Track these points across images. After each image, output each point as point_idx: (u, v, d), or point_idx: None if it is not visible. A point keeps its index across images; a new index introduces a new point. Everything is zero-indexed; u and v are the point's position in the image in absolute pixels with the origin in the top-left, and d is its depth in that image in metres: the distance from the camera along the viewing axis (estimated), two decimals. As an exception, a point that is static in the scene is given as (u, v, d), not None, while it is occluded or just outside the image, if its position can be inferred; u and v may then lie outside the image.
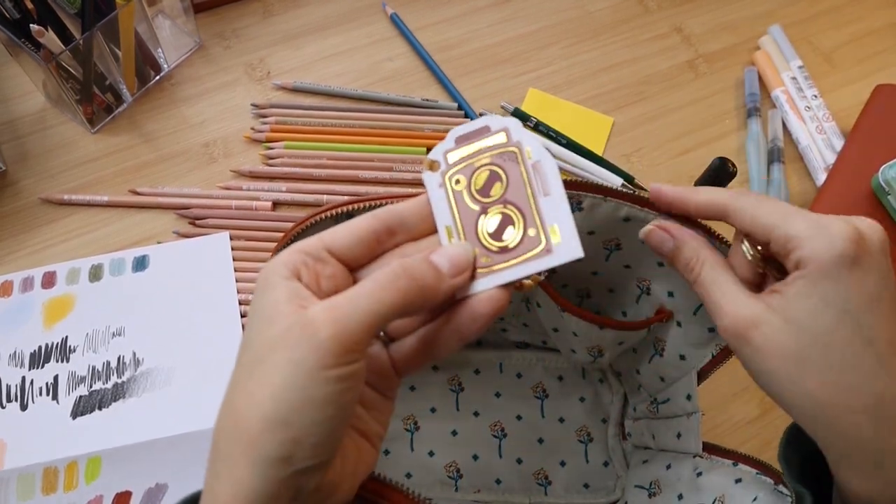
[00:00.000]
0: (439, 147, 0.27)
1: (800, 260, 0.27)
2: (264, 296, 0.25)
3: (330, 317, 0.23)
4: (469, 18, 0.73)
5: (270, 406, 0.23)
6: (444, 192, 0.27)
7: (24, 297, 0.55)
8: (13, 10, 0.54)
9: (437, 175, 0.27)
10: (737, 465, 0.39)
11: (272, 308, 0.24)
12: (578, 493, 0.50)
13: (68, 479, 0.48)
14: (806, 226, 0.27)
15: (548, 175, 0.25)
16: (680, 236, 0.31)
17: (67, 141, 0.63)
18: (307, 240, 0.26)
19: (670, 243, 0.32)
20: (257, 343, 0.24)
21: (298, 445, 0.23)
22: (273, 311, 0.24)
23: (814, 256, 0.26)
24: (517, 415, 0.52)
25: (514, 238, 0.26)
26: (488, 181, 0.26)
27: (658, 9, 0.76)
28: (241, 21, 0.71)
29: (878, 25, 0.77)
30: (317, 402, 0.23)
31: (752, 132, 0.68)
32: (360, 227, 0.27)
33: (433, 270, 0.25)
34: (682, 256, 0.31)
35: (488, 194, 0.26)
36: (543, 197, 0.26)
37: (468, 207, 0.27)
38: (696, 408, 0.43)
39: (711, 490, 0.38)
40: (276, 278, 0.25)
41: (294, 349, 0.23)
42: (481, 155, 0.26)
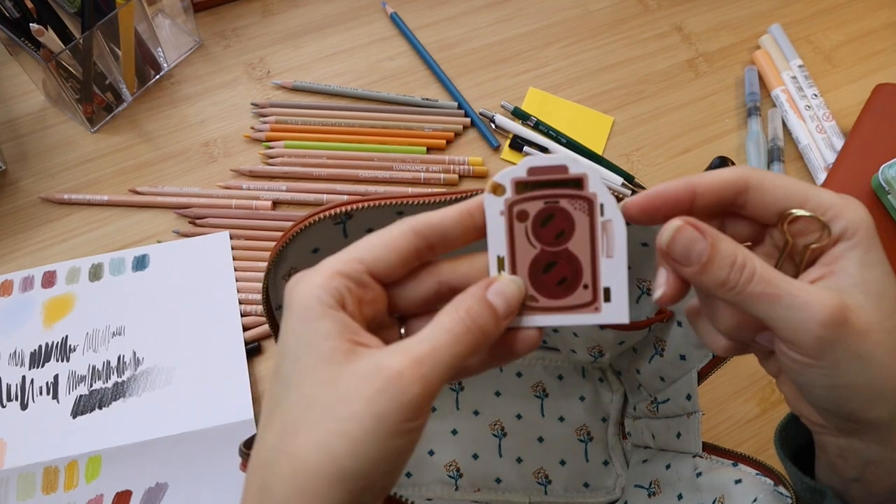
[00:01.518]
0: (507, 172, 0.25)
1: (846, 228, 0.25)
2: (308, 326, 0.23)
3: (418, 374, 0.22)
4: (469, 18, 0.73)
5: (349, 462, 0.22)
6: (504, 221, 0.25)
7: (24, 297, 0.55)
8: (13, 10, 0.54)
9: (500, 201, 0.25)
10: (737, 465, 0.39)
11: (323, 344, 0.23)
12: (578, 493, 0.50)
13: (68, 479, 0.48)
14: (835, 195, 0.25)
15: (616, 237, 0.24)
16: (713, 234, 0.25)
17: (67, 140, 0.63)
18: (345, 259, 0.25)
19: (702, 244, 0.24)
20: (311, 382, 0.23)
21: (369, 491, 0.22)
22: (326, 348, 0.23)
23: (861, 222, 0.25)
24: (517, 414, 0.53)
25: (567, 287, 0.26)
26: (553, 224, 0.25)
27: (658, 8, 0.76)
28: (241, 20, 0.71)
29: (877, 25, 0.77)
30: (395, 453, 0.22)
31: (752, 131, 0.68)
32: (401, 247, 0.25)
33: (492, 313, 0.25)
34: (724, 257, 0.24)
35: (551, 239, 0.25)
36: (605, 257, 0.25)
37: (527, 244, 0.26)
38: (696, 407, 0.43)
39: (711, 490, 0.38)
40: (319, 307, 0.24)
41: (378, 404, 0.22)
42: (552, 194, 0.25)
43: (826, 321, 0.23)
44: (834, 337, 0.23)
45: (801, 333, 0.23)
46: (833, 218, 0.25)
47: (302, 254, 0.36)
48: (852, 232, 0.25)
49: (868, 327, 0.23)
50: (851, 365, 0.24)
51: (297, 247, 0.35)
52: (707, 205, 0.26)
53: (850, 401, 0.25)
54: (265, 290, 0.37)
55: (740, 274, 0.24)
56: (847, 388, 0.24)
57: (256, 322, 0.55)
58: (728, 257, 0.24)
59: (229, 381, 0.52)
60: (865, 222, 0.25)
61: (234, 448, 0.50)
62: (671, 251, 0.25)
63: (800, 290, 0.24)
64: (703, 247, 0.24)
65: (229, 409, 0.51)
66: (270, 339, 0.55)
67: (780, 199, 0.25)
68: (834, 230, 0.25)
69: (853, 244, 0.25)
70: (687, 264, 0.25)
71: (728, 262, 0.24)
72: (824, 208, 0.25)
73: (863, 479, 0.27)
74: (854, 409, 0.25)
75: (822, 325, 0.23)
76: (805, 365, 0.24)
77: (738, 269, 0.24)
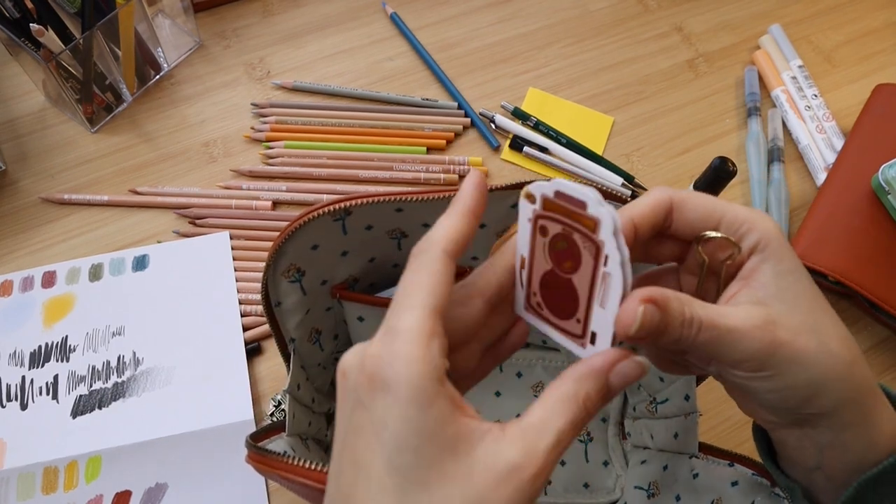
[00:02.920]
0: (539, 186, 0.25)
1: (759, 241, 0.26)
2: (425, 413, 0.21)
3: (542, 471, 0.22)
4: (469, 18, 0.73)
5: None
6: (529, 228, 0.26)
7: (23, 297, 0.55)
8: (13, 10, 0.54)
9: (530, 209, 0.26)
10: (733, 465, 0.39)
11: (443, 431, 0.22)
12: (578, 493, 0.50)
13: (68, 479, 0.48)
14: (746, 210, 0.27)
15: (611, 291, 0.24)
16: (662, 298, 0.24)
17: (67, 140, 0.63)
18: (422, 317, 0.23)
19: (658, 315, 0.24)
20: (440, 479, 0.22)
21: None
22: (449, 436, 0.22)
23: (772, 234, 0.26)
24: (517, 414, 0.52)
25: (565, 312, 0.27)
26: (564, 252, 0.25)
27: (658, 8, 0.76)
28: (241, 21, 0.71)
29: (877, 25, 0.77)
30: None
31: (752, 131, 0.68)
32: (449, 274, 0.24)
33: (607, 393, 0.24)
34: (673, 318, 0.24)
35: (560, 263, 0.26)
36: (598, 305, 0.25)
37: (542, 258, 0.26)
38: (694, 408, 0.43)
39: (708, 491, 0.38)
40: (433, 386, 0.22)
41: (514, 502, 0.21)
42: (569, 224, 0.25)
43: (760, 349, 0.25)
44: (770, 351, 0.25)
45: (744, 357, 0.25)
46: (746, 232, 0.27)
47: (301, 250, 0.36)
48: (764, 244, 0.26)
49: (793, 332, 0.25)
50: (789, 368, 0.25)
51: (297, 243, 0.35)
52: (644, 234, 0.27)
53: (795, 398, 0.26)
54: (264, 286, 0.37)
55: (690, 329, 0.25)
56: (791, 388, 0.26)
57: (256, 322, 0.55)
58: (678, 317, 0.25)
59: (229, 381, 0.52)
60: (775, 233, 0.26)
61: (234, 448, 0.50)
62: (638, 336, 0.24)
63: (734, 321, 0.25)
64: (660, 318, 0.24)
65: (229, 409, 0.51)
66: (270, 339, 0.55)
67: (699, 218, 0.27)
68: (747, 243, 0.27)
69: (766, 255, 0.26)
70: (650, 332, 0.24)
71: (678, 322, 0.25)
72: (738, 223, 0.27)
73: (822, 466, 0.29)
74: (801, 403, 0.26)
75: (761, 349, 0.25)
76: (749, 378, 0.26)
77: (688, 324, 0.25)
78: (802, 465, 0.29)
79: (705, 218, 0.27)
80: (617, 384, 0.24)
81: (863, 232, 0.59)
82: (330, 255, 0.38)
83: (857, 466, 0.27)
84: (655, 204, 0.27)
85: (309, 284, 0.38)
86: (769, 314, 0.25)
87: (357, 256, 0.39)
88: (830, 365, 0.26)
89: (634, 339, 0.24)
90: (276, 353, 0.54)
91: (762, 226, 0.26)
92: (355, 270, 0.41)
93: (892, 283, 0.57)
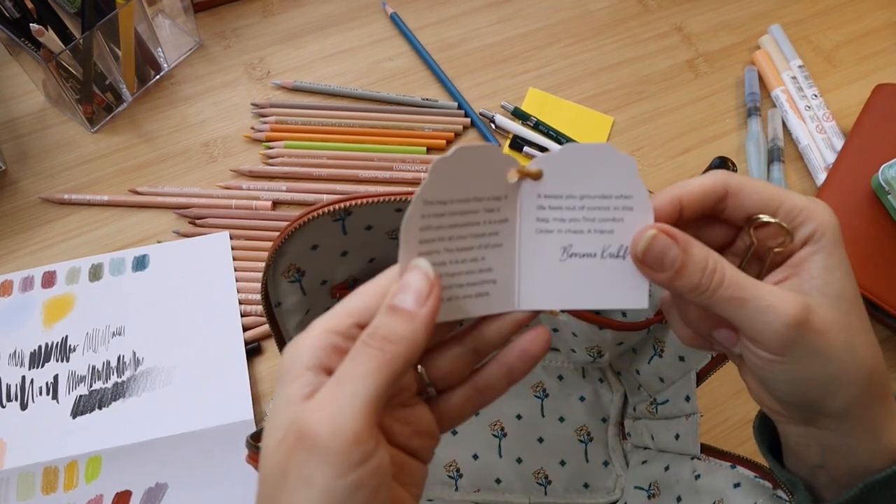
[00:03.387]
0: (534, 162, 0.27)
1: (814, 231, 0.26)
2: (282, 390, 0.23)
3: (319, 417, 0.21)
4: (469, 18, 0.73)
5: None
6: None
7: (23, 297, 0.55)
8: (13, 10, 0.54)
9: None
10: (735, 467, 0.39)
11: (282, 409, 0.22)
12: (578, 493, 0.50)
13: (68, 479, 0.48)
14: (805, 199, 0.27)
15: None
16: (686, 240, 0.26)
17: (67, 140, 0.63)
18: (334, 316, 0.24)
19: (675, 250, 0.25)
20: (272, 455, 0.22)
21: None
22: (282, 413, 0.22)
23: (828, 226, 0.26)
24: (517, 414, 0.53)
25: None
26: None
27: (658, 8, 0.76)
28: (241, 21, 0.71)
29: (877, 25, 0.77)
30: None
31: (752, 131, 0.68)
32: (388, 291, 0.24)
33: (400, 317, 0.23)
34: (695, 262, 0.25)
35: None
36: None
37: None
38: (694, 409, 0.43)
39: (710, 493, 0.38)
40: (297, 367, 0.23)
41: (301, 467, 0.21)
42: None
43: (790, 322, 0.25)
44: (796, 336, 0.25)
45: (766, 334, 0.25)
46: (803, 221, 0.26)
47: (301, 250, 0.36)
48: (819, 235, 0.26)
49: (827, 326, 0.25)
50: (812, 360, 0.25)
51: (297, 243, 0.35)
52: (692, 214, 0.27)
53: (810, 393, 0.26)
54: (264, 286, 0.37)
55: (711, 278, 0.25)
56: (808, 382, 0.26)
57: (256, 322, 0.55)
58: (699, 262, 0.25)
59: (229, 381, 0.52)
60: (832, 226, 0.26)
61: (234, 448, 0.50)
62: (646, 259, 0.26)
63: (766, 293, 0.25)
64: (677, 253, 0.25)
65: (229, 409, 0.51)
66: (270, 339, 0.55)
67: (756, 204, 0.27)
68: (803, 233, 0.26)
69: (819, 247, 0.26)
70: (661, 270, 0.26)
71: (700, 267, 0.25)
72: (796, 211, 0.26)
73: (825, 465, 0.29)
74: (813, 400, 0.26)
75: (786, 326, 0.25)
76: (769, 361, 0.26)
77: (710, 273, 0.25)
78: (806, 461, 0.29)
79: (763, 204, 0.27)
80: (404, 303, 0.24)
81: (863, 232, 0.59)
82: (330, 255, 0.38)
83: (861, 472, 0.27)
84: (708, 187, 0.27)
85: (309, 284, 0.38)
86: (807, 302, 0.25)
87: (357, 256, 0.39)
88: (852, 367, 0.25)
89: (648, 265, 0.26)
90: (276, 353, 0.54)
91: (820, 217, 0.26)
92: (355, 270, 0.41)
93: (892, 283, 0.57)
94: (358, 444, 0.21)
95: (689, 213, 0.27)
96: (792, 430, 0.29)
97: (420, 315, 0.23)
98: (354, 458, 0.21)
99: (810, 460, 0.29)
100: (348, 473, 0.21)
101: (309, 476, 0.21)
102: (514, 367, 0.28)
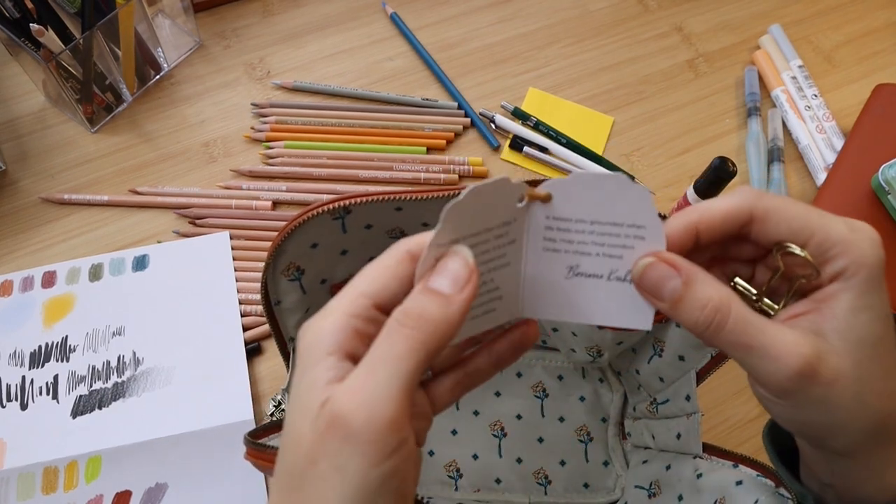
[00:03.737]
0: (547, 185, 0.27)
1: (846, 267, 0.24)
2: (304, 375, 0.22)
3: (353, 403, 0.20)
4: (469, 18, 0.73)
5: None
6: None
7: (24, 297, 0.55)
8: (13, 10, 0.54)
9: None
10: (737, 466, 0.39)
11: (307, 394, 0.22)
12: (578, 493, 0.50)
13: (68, 479, 0.48)
14: (845, 229, 0.24)
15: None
16: (689, 270, 0.24)
17: (67, 140, 0.63)
18: (350, 298, 0.23)
19: (675, 281, 0.24)
20: (299, 441, 0.21)
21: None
22: (307, 398, 0.21)
23: (864, 264, 0.24)
24: (517, 414, 0.53)
25: None
26: None
27: (658, 8, 0.76)
28: (241, 21, 0.71)
29: (878, 25, 0.77)
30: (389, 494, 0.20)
31: (752, 132, 0.68)
32: (401, 273, 0.24)
33: (437, 299, 0.23)
34: (696, 298, 0.24)
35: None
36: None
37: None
38: (695, 408, 0.43)
39: (712, 492, 0.38)
40: (319, 352, 0.22)
41: (334, 456, 0.20)
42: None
43: (793, 375, 0.23)
44: (800, 387, 0.23)
45: (769, 380, 0.24)
46: (836, 255, 0.24)
47: (301, 249, 0.36)
48: (852, 273, 0.24)
49: (837, 375, 0.23)
50: (815, 408, 0.24)
51: (296, 242, 0.35)
52: (711, 241, 0.26)
53: (811, 432, 0.25)
54: (264, 285, 0.37)
55: (711, 319, 0.24)
56: (809, 424, 0.25)
57: (256, 322, 0.55)
58: (700, 300, 0.24)
59: (229, 381, 0.52)
60: (869, 263, 0.24)
61: (234, 448, 0.50)
62: (642, 286, 0.25)
63: (773, 340, 0.23)
64: (676, 284, 0.24)
65: (229, 410, 0.51)
66: (270, 339, 0.55)
67: (783, 233, 0.25)
68: (833, 268, 0.24)
69: (849, 286, 0.24)
70: (660, 299, 0.25)
71: (699, 304, 0.24)
72: (829, 244, 0.24)
73: (833, 486, 0.28)
74: (815, 437, 0.26)
75: (790, 379, 0.23)
76: (770, 400, 0.25)
77: (710, 313, 0.24)
78: (817, 477, 0.29)
79: (793, 234, 0.25)
80: (441, 286, 0.23)
81: (863, 232, 0.59)
82: (329, 253, 0.38)
83: (868, 500, 0.27)
84: (731, 214, 0.25)
85: (308, 283, 0.38)
86: (819, 349, 0.23)
87: (357, 255, 0.39)
88: (860, 415, 0.24)
89: (647, 292, 0.25)
90: (276, 353, 0.54)
91: (856, 253, 0.24)
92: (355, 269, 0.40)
93: (892, 283, 0.56)
94: (394, 432, 0.20)
95: (707, 240, 0.26)
96: (804, 445, 0.28)
97: (458, 300, 0.23)
98: (390, 445, 0.20)
99: (821, 478, 0.28)
100: (383, 462, 0.20)
101: (342, 465, 0.20)
102: (503, 355, 0.28)
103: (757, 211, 0.25)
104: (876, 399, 0.24)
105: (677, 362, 0.43)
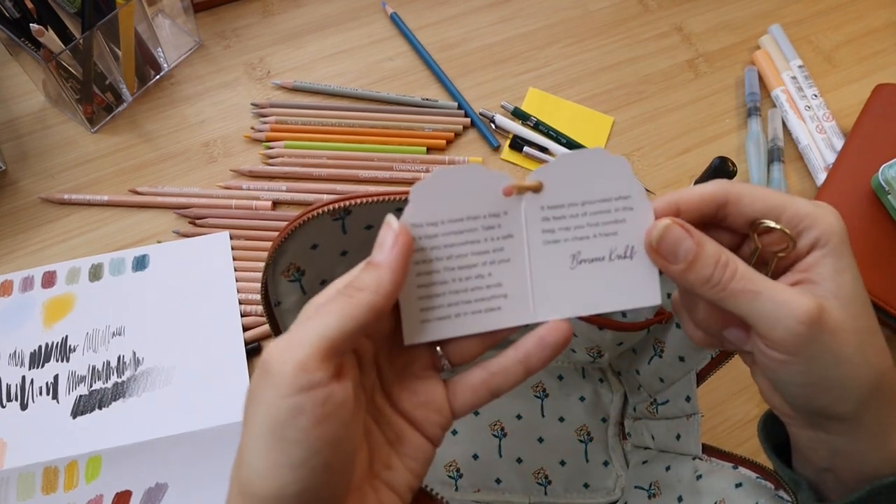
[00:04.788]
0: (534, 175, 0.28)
1: (819, 237, 0.26)
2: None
3: (277, 349, 0.23)
4: (469, 18, 0.73)
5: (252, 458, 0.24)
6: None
7: (23, 297, 0.55)
8: (13, 10, 0.54)
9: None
10: (737, 468, 0.39)
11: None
12: (578, 493, 0.50)
13: (68, 479, 0.48)
14: (810, 205, 0.27)
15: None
16: (699, 234, 0.26)
17: (67, 140, 0.63)
18: (339, 335, 0.24)
19: (689, 242, 0.26)
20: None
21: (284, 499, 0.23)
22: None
23: (833, 231, 0.26)
24: (517, 414, 0.53)
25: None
26: None
27: (658, 8, 0.76)
28: (241, 21, 0.71)
29: (878, 25, 0.77)
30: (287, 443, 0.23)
31: (752, 131, 0.68)
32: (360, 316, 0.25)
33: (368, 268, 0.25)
34: (708, 255, 0.26)
35: None
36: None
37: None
38: (695, 409, 0.43)
39: (711, 493, 0.38)
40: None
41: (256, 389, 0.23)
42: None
43: (804, 318, 0.25)
44: (810, 334, 0.25)
45: (779, 330, 0.25)
46: (808, 227, 0.26)
47: (301, 249, 0.36)
48: (825, 240, 0.26)
49: (839, 326, 0.25)
50: (825, 361, 0.25)
51: (296, 242, 0.35)
52: (690, 220, 0.27)
53: (820, 395, 0.26)
54: (264, 286, 0.37)
55: (723, 272, 0.26)
56: (818, 384, 0.26)
57: (256, 322, 0.55)
58: (713, 255, 0.26)
59: (229, 381, 0.52)
60: (838, 231, 0.26)
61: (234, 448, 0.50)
62: (660, 249, 0.27)
63: (779, 289, 0.26)
64: (690, 245, 0.26)
65: (229, 409, 0.51)
66: (270, 339, 0.55)
67: (758, 211, 0.27)
68: (808, 239, 0.26)
69: (827, 252, 0.26)
70: (674, 262, 0.27)
71: (712, 260, 0.26)
72: (799, 217, 0.26)
73: (833, 469, 0.29)
74: (824, 404, 0.27)
75: (801, 322, 0.25)
76: (781, 362, 0.26)
77: (722, 266, 0.26)
78: (814, 464, 0.30)
79: (766, 211, 0.27)
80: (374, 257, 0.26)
81: (863, 232, 0.59)
82: (329, 254, 0.38)
83: (869, 476, 0.27)
84: (707, 196, 0.27)
85: (308, 284, 0.38)
86: (821, 303, 0.25)
87: (357, 256, 0.39)
88: (862, 369, 0.26)
89: (662, 255, 0.27)
90: (276, 353, 0.54)
91: (824, 222, 0.26)
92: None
93: (892, 283, 0.57)
94: (303, 371, 0.23)
95: (687, 219, 0.27)
96: (802, 434, 0.29)
97: (385, 262, 0.25)
98: (298, 382, 0.22)
99: (818, 463, 0.29)
100: (290, 396, 0.22)
101: (260, 396, 0.23)
102: (532, 354, 0.28)
103: (731, 194, 0.27)
104: (874, 352, 0.26)
105: (677, 363, 0.43)
